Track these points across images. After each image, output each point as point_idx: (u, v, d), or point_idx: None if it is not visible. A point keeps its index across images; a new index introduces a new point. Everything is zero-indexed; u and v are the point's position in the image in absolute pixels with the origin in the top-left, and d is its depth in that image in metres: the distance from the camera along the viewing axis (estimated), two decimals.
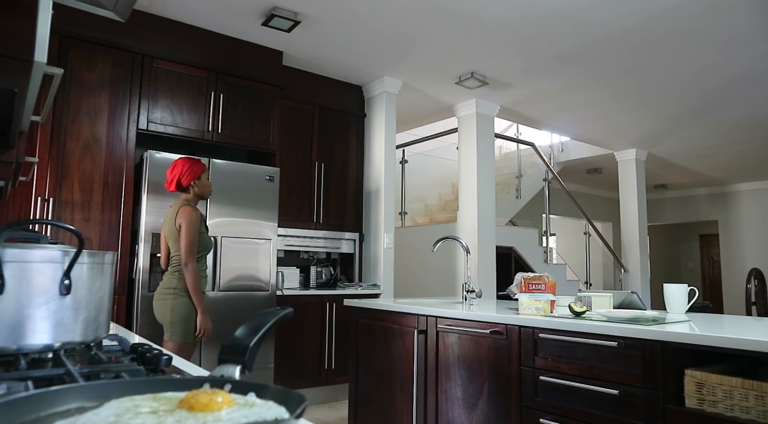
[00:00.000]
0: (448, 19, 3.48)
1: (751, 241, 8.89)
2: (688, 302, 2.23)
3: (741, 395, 1.48)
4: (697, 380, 1.59)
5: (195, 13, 3.45)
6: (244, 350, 0.62)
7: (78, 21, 3.12)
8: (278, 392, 0.51)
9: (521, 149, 7.14)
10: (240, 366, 0.61)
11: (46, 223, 0.83)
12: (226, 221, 3.46)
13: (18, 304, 0.78)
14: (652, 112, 5.35)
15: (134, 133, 3.31)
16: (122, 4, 1.06)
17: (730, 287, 9.00)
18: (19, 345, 0.78)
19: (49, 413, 0.46)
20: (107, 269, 0.94)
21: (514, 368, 2.09)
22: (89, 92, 3.20)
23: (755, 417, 1.44)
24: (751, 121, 5.53)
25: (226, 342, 0.64)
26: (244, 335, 0.64)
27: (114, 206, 3.21)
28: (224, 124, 3.67)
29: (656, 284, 6.64)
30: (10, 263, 0.78)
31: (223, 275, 3.40)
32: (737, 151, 6.88)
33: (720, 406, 1.53)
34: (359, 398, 2.83)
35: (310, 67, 4.29)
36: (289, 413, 0.46)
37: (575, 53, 3.97)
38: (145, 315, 3.11)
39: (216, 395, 0.47)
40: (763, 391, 1.44)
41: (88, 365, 0.83)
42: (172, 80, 3.49)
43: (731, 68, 4.17)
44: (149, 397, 0.50)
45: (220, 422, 0.43)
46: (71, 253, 0.83)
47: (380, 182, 4.47)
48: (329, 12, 3.40)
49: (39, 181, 3.00)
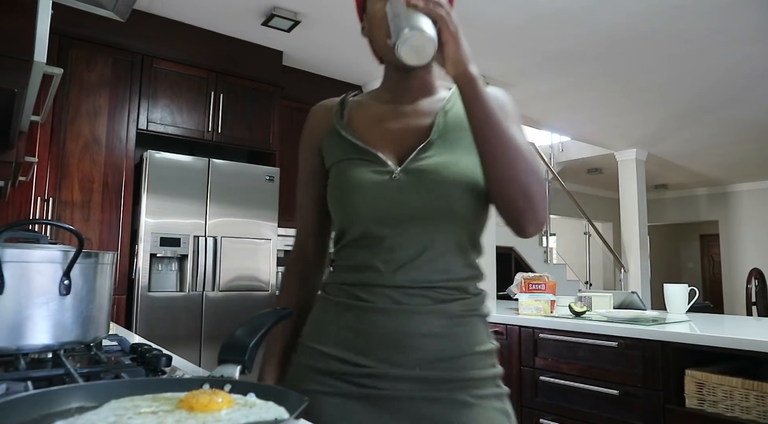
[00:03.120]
0: None
1: (751, 241, 8.89)
2: (689, 302, 2.23)
3: (741, 395, 1.48)
4: (698, 380, 1.59)
5: (195, 13, 3.44)
6: (243, 350, 0.62)
7: (78, 21, 3.12)
8: (278, 392, 0.51)
9: None
10: (240, 366, 0.61)
11: (46, 223, 0.83)
12: (226, 221, 3.45)
13: (18, 304, 0.78)
14: (653, 112, 5.35)
15: (134, 133, 3.31)
16: (122, 4, 1.06)
17: (730, 287, 9.00)
18: (19, 345, 0.78)
19: (48, 413, 0.46)
20: (107, 269, 0.94)
21: (515, 368, 2.09)
22: (89, 92, 3.20)
23: (755, 417, 1.44)
24: (751, 121, 5.53)
25: (226, 342, 0.64)
26: (244, 335, 0.64)
27: (114, 206, 3.21)
28: (224, 124, 3.67)
29: (656, 284, 6.64)
30: (10, 263, 0.78)
31: (222, 275, 3.40)
32: (737, 151, 6.88)
33: (720, 406, 1.53)
34: None
35: (310, 67, 4.29)
36: (289, 413, 0.46)
37: (575, 53, 3.97)
38: (145, 315, 3.11)
39: (216, 396, 0.47)
40: (763, 391, 1.44)
41: (88, 365, 0.83)
42: (172, 80, 3.49)
43: (731, 68, 4.17)
44: (149, 397, 0.50)
45: (220, 422, 0.43)
46: (71, 253, 0.83)
47: None
48: (329, 12, 3.40)
49: (39, 181, 3.00)
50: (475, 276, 0.87)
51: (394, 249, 0.82)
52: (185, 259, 3.30)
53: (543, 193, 0.79)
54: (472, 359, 0.82)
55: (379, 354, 0.80)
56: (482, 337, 0.86)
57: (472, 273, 0.86)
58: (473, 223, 0.85)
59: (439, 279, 0.82)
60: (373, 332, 0.81)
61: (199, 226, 3.34)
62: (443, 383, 0.79)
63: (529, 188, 0.77)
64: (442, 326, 0.81)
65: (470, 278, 0.86)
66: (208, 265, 3.35)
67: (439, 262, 0.82)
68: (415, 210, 0.82)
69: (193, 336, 3.25)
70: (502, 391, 0.87)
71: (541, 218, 0.79)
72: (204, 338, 3.27)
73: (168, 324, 3.17)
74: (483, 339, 0.86)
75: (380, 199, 0.83)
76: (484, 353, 0.85)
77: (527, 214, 0.78)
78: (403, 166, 0.83)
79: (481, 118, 0.76)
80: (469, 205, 0.82)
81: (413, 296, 0.81)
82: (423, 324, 0.81)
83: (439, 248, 0.82)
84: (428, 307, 0.81)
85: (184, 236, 3.28)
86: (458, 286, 0.84)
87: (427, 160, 0.83)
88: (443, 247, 0.82)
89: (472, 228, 0.85)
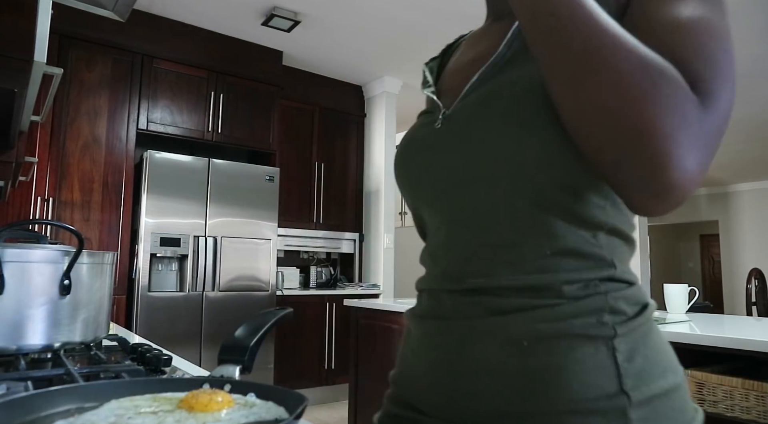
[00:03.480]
0: (448, 20, 3.47)
1: (751, 241, 8.89)
2: (689, 302, 2.23)
3: (741, 395, 1.48)
4: (698, 380, 1.59)
5: (195, 12, 3.44)
6: (244, 350, 0.62)
7: (78, 21, 3.12)
8: (278, 393, 0.51)
9: None
10: (240, 366, 0.61)
11: (46, 223, 0.83)
12: (226, 221, 3.45)
13: (18, 304, 0.78)
14: None
15: (134, 133, 3.31)
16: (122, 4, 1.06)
17: (730, 287, 9.00)
18: (19, 345, 0.78)
19: (48, 413, 0.46)
20: (107, 269, 0.94)
21: None
22: (89, 92, 3.20)
23: (755, 417, 1.44)
24: (751, 121, 5.53)
25: (226, 342, 0.64)
26: (244, 336, 0.64)
27: (114, 206, 3.21)
28: (224, 124, 3.67)
29: (656, 284, 6.64)
30: (10, 263, 0.78)
31: (222, 275, 3.40)
32: (737, 151, 6.88)
33: (720, 406, 1.53)
34: (359, 398, 2.83)
35: (310, 67, 4.29)
36: (289, 413, 0.46)
37: None
38: (145, 315, 3.11)
39: (216, 395, 0.47)
40: (764, 391, 1.44)
41: (88, 365, 0.83)
42: (172, 80, 3.49)
43: None
44: (149, 397, 0.50)
45: (220, 422, 0.43)
46: (71, 253, 0.83)
47: (380, 182, 4.47)
48: (329, 12, 3.40)
49: (39, 181, 3.00)
50: (577, 268, 0.50)
51: (434, 235, 0.59)
52: (185, 259, 3.30)
53: (684, 110, 0.40)
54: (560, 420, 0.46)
55: (417, 395, 0.56)
56: (596, 378, 0.47)
57: (565, 263, 0.50)
58: (565, 175, 0.49)
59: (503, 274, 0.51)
60: (412, 361, 0.59)
61: (199, 226, 3.34)
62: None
63: (639, 105, 0.40)
64: (506, 354, 0.49)
65: (564, 270, 0.50)
66: (208, 265, 3.35)
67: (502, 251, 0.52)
68: (453, 171, 0.55)
69: (193, 336, 3.25)
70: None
71: (687, 162, 0.40)
72: (204, 338, 3.28)
73: (168, 324, 3.17)
74: (598, 382, 0.47)
75: (414, 163, 0.60)
76: (596, 412, 0.46)
77: (643, 162, 0.41)
78: (451, 108, 0.57)
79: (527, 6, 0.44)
80: (548, 147, 0.48)
81: (462, 304, 0.53)
82: (473, 352, 0.51)
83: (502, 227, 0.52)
84: (482, 321, 0.51)
85: (184, 236, 3.28)
86: (535, 285, 0.50)
87: (477, 91, 0.55)
88: (507, 223, 0.52)
89: (565, 181, 0.49)
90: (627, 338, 0.48)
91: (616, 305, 0.50)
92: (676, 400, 0.49)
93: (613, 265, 0.51)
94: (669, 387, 0.49)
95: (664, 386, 0.48)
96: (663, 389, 0.48)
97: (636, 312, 0.51)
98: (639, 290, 0.53)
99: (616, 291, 0.50)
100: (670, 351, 0.53)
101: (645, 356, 0.49)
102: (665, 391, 0.48)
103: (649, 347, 0.50)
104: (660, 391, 0.48)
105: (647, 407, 0.47)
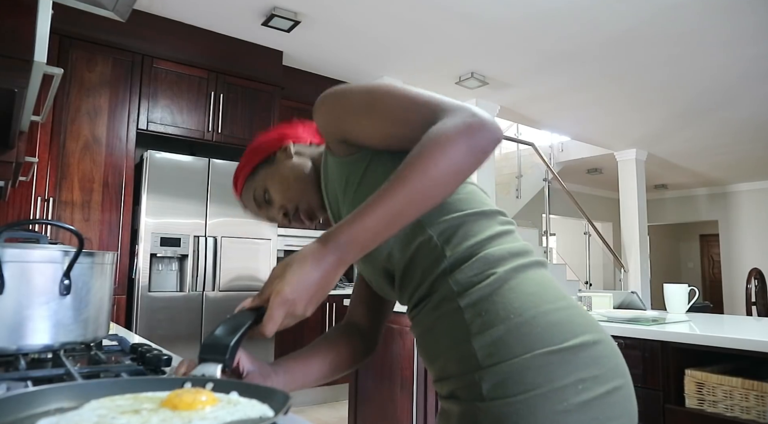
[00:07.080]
0: (448, 19, 3.47)
1: (751, 241, 8.89)
2: (688, 302, 2.23)
3: (741, 395, 1.48)
4: (698, 380, 1.59)
5: (195, 13, 3.44)
6: (224, 349, 0.61)
7: (78, 21, 3.12)
8: (261, 390, 0.51)
9: (521, 149, 7.14)
10: (221, 365, 0.61)
11: (46, 223, 0.83)
12: (226, 220, 3.45)
13: (18, 304, 0.78)
14: (652, 112, 5.34)
15: (134, 133, 3.31)
16: (122, 4, 1.06)
17: (730, 287, 9.00)
18: (19, 345, 0.78)
19: (28, 414, 0.46)
20: (107, 269, 0.94)
21: None
22: (89, 92, 3.20)
23: (755, 417, 1.45)
24: (751, 121, 5.53)
25: (206, 341, 0.63)
26: (224, 334, 0.63)
27: (114, 206, 3.21)
28: (224, 124, 3.67)
29: (656, 284, 6.64)
30: (10, 263, 0.78)
31: (222, 275, 3.40)
32: (737, 151, 6.87)
33: (720, 406, 1.53)
34: (359, 398, 2.83)
35: (310, 67, 4.29)
36: (274, 411, 0.46)
37: (575, 53, 3.97)
38: (145, 315, 3.11)
39: (200, 394, 0.47)
40: (763, 391, 1.44)
41: (88, 365, 0.83)
42: (172, 80, 3.49)
43: (731, 68, 4.17)
44: (130, 397, 0.49)
45: (206, 420, 0.43)
46: (71, 253, 0.83)
47: None
48: (329, 12, 3.40)
49: (39, 181, 3.00)
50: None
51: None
52: (185, 259, 3.30)
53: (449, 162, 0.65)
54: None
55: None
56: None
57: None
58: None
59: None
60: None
61: (199, 226, 3.34)
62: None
63: (447, 182, 0.66)
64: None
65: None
66: (208, 265, 3.35)
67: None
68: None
69: (193, 336, 3.25)
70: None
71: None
72: (204, 338, 3.27)
73: (168, 324, 3.17)
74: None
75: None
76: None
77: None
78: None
79: (381, 228, 0.65)
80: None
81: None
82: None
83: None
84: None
85: (184, 235, 3.28)
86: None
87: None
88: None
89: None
90: (470, 297, 0.72)
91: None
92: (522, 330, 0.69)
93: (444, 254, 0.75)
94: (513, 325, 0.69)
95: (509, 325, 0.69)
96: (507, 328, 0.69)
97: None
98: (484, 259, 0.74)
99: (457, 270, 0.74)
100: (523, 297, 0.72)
101: (486, 310, 0.71)
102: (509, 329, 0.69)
103: (491, 301, 0.71)
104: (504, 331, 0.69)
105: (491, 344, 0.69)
